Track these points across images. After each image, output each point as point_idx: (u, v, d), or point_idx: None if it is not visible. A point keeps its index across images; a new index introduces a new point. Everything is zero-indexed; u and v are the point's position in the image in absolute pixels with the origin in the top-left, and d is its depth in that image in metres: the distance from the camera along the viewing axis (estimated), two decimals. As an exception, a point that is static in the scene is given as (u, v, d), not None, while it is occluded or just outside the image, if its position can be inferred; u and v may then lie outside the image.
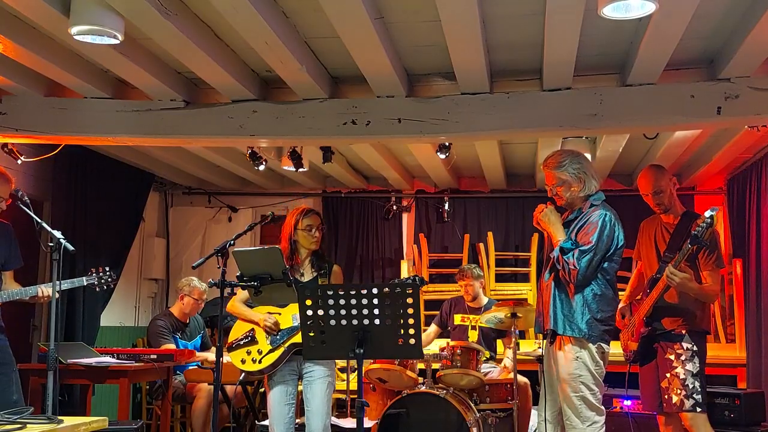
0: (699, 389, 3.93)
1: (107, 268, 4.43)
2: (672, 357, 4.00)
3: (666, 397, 4.00)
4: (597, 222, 3.57)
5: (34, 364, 5.49)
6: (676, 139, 5.75)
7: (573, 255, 3.53)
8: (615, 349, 6.42)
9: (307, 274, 4.16)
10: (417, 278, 4.03)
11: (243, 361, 4.09)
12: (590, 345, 3.56)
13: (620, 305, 4.34)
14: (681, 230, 4.05)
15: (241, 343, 4.12)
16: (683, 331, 4.02)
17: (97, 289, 4.44)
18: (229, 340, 4.20)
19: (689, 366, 3.96)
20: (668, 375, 4.00)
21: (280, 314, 4.08)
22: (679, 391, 3.94)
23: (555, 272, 3.65)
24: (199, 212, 8.35)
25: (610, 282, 3.64)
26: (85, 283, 4.32)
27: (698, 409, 3.92)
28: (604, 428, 3.58)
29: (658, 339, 4.08)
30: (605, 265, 3.60)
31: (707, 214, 3.65)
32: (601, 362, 3.60)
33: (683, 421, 4.02)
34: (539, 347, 5.46)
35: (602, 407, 3.59)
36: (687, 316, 4.04)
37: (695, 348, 3.99)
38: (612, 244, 3.59)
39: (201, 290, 6.05)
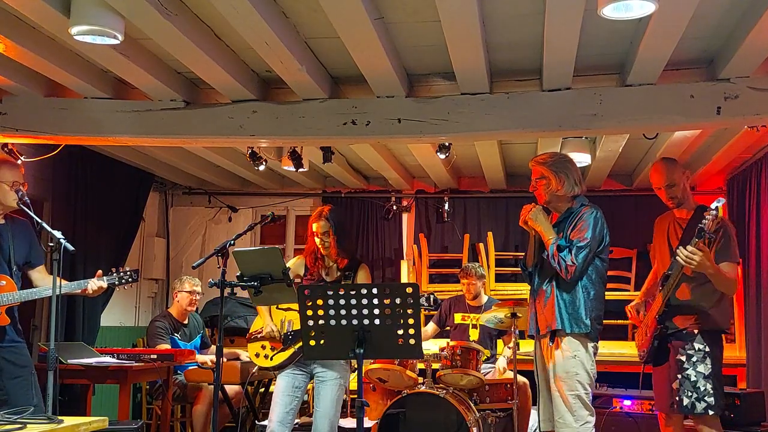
0: (712, 391, 3.82)
1: (128, 269, 4.40)
2: (683, 358, 3.91)
3: (677, 398, 3.90)
4: (590, 219, 3.66)
5: (35, 364, 5.48)
6: (676, 139, 5.75)
7: (570, 252, 3.60)
8: (611, 349, 6.46)
9: (332, 275, 4.24)
10: (431, 297, 4.08)
11: (257, 355, 4.22)
12: (588, 343, 3.59)
13: (634, 302, 4.34)
14: (693, 224, 3.99)
15: (259, 335, 4.21)
16: (695, 331, 3.92)
17: (117, 289, 4.41)
18: (251, 331, 4.32)
19: (701, 368, 3.86)
20: (679, 376, 3.91)
21: (293, 312, 4.12)
22: (690, 394, 3.85)
23: (554, 274, 3.68)
24: (199, 212, 8.35)
25: (603, 280, 3.72)
26: (105, 284, 4.27)
27: (710, 412, 3.82)
28: (594, 430, 3.60)
29: (670, 338, 3.99)
30: (598, 263, 3.68)
31: (713, 205, 3.63)
32: (594, 361, 3.65)
33: (695, 424, 3.94)
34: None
35: (593, 408, 3.62)
36: (700, 314, 3.93)
37: (707, 349, 3.88)
38: (602, 242, 3.69)
39: (192, 282, 6.07)
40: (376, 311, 2.96)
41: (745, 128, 5.12)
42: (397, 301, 2.95)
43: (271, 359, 4.14)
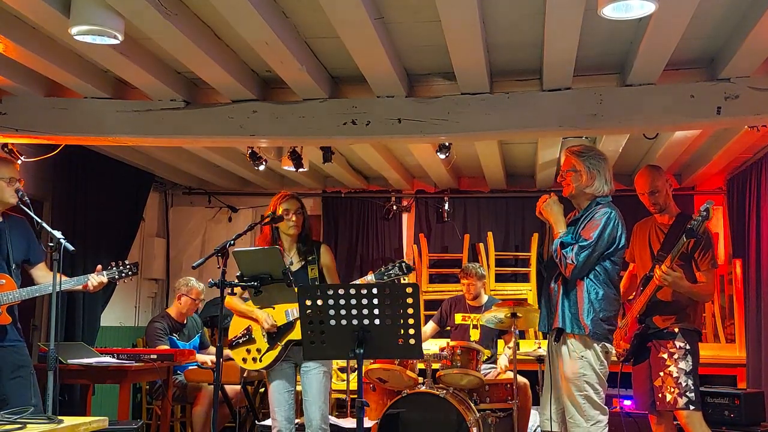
0: (692, 387, 3.96)
1: (127, 262, 4.37)
2: (665, 356, 4.03)
3: (660, 395, 4.02)
4: (600, 219, 3.60)
5: (35, 364, 5.49)
6: (676, 139, 5.75)
7: (572, 250, 3.58)
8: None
9: (296, 263, 4.19)
10: (403, 264, 4.03)
11: (244, 360, 4.16)
12: (594, 344, 3.57)
13: None
14: (676, 230, 4.06)
15: (240, 341, 4.17)
16: (675, 330, 4.05)
17: (117, 283, 4.38)
18: (229, 338, 4.25)
19: (682, 364, 3.99)
20: (661, 374, 4.02)
21: (273, 308, 4.09)
22: (672, 390, 3.96)
23: (561, 274, 3.68)
24: (199, 212, 8.35)
25: (613, 282, 3.66)
26: (106, 278, 4.24)
27: (692, 407, 3.95)
28: (607, 428, 3.59)
29: (650, 337, 4.11)
30: (607, 264, 3.63)
31: (702, 207, 3.67)
32: (605, 362, 3.61)
33: (679, 419, 4.04)
34: (539, 347, 5.48)
35: (605, 407, 3.61)
36: (679, 314, 4.07)
37: (688, 346, 4.02)
38: (613, 244, 3.62)
39: (199, 290, 6.05)
40: (376, 311, 2.96)
41: (745, 128, 5.13)
42: (398, 301, 2.95)
43: (261, 360, 4.08)
